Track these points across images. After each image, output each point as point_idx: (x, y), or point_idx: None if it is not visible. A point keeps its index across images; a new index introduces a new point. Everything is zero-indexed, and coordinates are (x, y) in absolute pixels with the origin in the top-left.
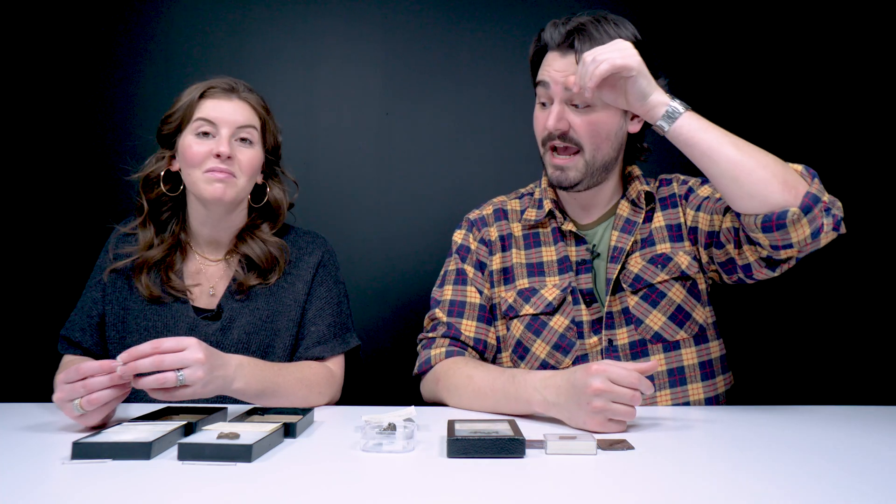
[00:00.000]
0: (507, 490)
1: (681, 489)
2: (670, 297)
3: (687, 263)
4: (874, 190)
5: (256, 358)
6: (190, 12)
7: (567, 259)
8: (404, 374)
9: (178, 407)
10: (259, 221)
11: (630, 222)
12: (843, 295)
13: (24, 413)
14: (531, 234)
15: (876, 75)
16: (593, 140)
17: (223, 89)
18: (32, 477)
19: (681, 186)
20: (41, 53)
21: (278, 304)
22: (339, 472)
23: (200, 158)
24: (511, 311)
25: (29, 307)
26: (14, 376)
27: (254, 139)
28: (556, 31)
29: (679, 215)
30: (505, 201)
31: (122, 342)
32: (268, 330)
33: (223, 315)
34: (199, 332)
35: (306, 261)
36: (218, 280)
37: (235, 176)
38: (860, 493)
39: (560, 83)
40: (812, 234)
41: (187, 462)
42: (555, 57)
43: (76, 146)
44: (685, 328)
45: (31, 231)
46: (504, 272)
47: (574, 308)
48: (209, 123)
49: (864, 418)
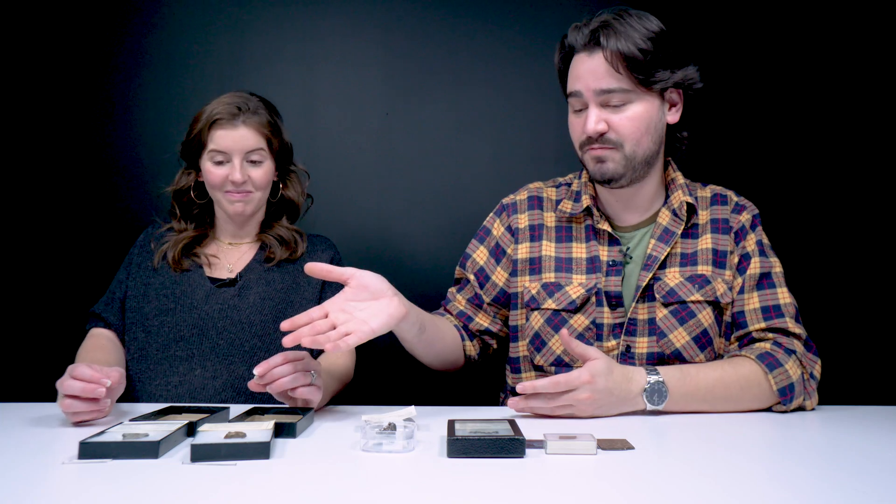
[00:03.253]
0: (507, 490)
1: (681, 489)
2: (699, 319)
3: (722, 291)
4: (874, 190)
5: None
6: (190, 12)
7: (597, 259)
8: (404, 374)
9: (178, 406)
10: (278, 216)
11: (669, 232)
12: (843, 295)
13: (24, 413)
14: (564, 228)
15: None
16: (633, 136)
17: (229, 118)
18: (38, 476)
19: (734, 216)
20: (41, 53)
21: (293, 282)
22: (339, 472)
23: (219, 182)
24: (533, 302)
25: (29, 307)
26: (14, 376)
27: (263, 157)
28: (580, 32)
29: (728, 243)
30: (541, 188)
31: (140, 310)
32: (282, 300)
33: (238, 283)
34: (216, 298)
35: (320, 256)
36: (237, 260)
37: (252, 192)
38: (860, 492)
39: (592, 88)
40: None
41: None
42: (582, 59)
43: (76, 146)
44: (705, 353)
45: (31, 232)
46: (531, 262)
47: (597, 309)
48: (221, 153)
49: (864, 418)
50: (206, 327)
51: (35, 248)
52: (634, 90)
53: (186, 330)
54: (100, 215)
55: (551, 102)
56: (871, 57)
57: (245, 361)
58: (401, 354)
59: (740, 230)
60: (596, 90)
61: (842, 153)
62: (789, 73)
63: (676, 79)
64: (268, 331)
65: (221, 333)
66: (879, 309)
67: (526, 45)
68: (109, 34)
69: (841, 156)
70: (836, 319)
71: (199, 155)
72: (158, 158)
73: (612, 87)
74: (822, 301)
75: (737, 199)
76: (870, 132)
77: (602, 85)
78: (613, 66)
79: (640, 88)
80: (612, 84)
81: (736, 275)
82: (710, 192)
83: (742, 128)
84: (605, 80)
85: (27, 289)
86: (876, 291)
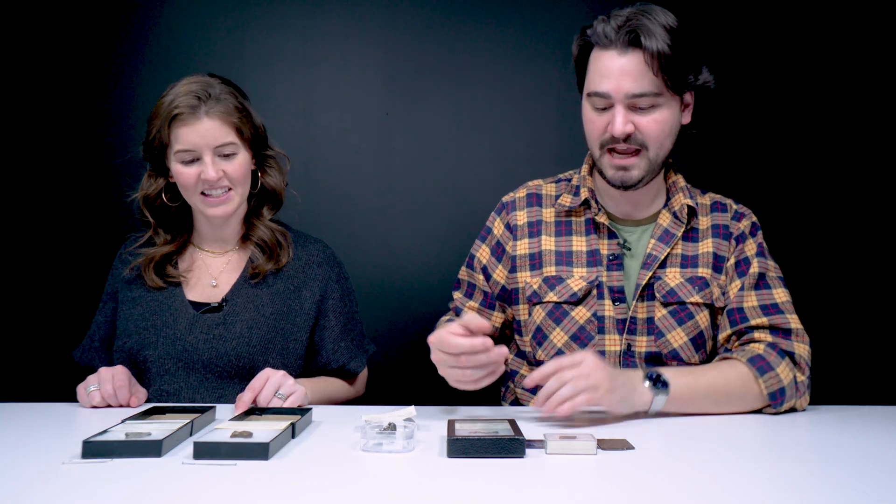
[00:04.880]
0: (507, 490)
1: (681, 489)
2: (697, 321)
3: (717, 295)
4: (874, 190)
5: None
6: (190, 12)
7: (598, 252)
8: (405, 374)
9: (164, 406)
10: (259, 206)
11: (669, 233)
12: (843, 295)
13: (24, 413)
14: (563, 222)
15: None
16: (658, 138)
17: (190, 111)
18: (39, 476)
19: (734, 222)
20: (41, 53)
21: (283, 306)
22: (339, 471)
23: (193, 183)
24: (535, 296)
25: (30, 308)
26: (14, 376)
27: (235, 149)
28: (608, 26)
29: (727, 249)
30: (541, 185)
31: (123, 347)
32: (269, 327)
33: (224, 308)
34: (199, 326)
35: (315, 271)
36: (220, 272)
37: (231, 188)
38: (859, 492)
39: (624, 90)
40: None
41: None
42: (612, 56)
43: (76, 146)
44: (700, 354)
45: (30, 233)
46: (531, 258)
47: (598, 302)
48: (188, 152)
49: (864, 418)
50: (192, 360)
51: (35, 248)
52: (664, 93)
53: (171, 364)
54: (100, 215)
55: (551, 102)
56: (871, 57)
57: (235, 393)
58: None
59: (740, 236)
60: (628, 93)
61: (840, 154)
62: (788, 76)
63: (699, 81)
64: (257, 363)
65: (208, 366)
66: (877, 309)
67: (526, 45)
68: (109, 34)
69: (839, 157)
70: (834, 320)
71: (164, 156)
72: None
73: (645, 90)
74: (820, 301)
75: (736, 206)
76: (868, 133)
77: (635, 89)
78: (651, 67)
79: (669, 92)
80: (645, 88)
81: (734, 278)
82: (709, 200)
83: (741, 130)
84: (638, 83)
85: (27, 289)
86: (873, 292)
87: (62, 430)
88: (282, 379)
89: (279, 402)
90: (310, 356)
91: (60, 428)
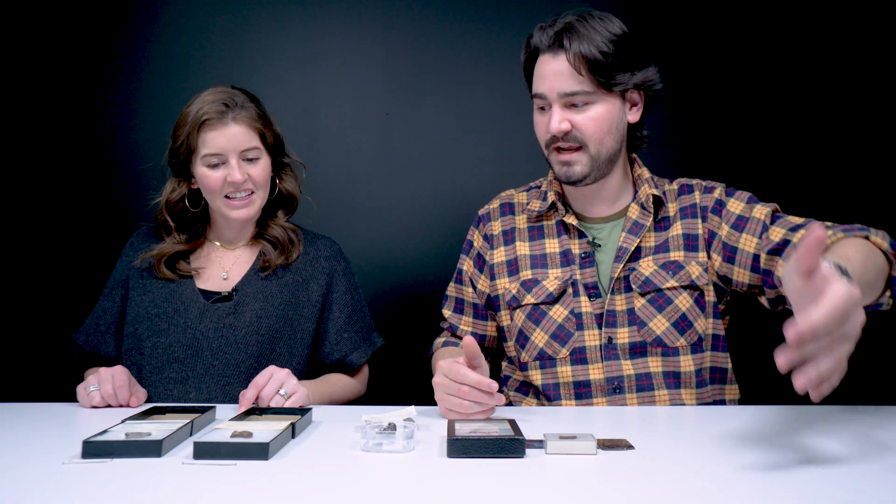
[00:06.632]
0: (507, 490)
1: (681, 489)
2: (676, 305)
3: (697, 274)
4: (874, 190)
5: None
6: (190, 12)
7: (570, 252)
8: (405, 373)
9: (164, 407)
10: (273, 210)
11: (638, 225)
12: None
13: (24, 413)
14: (535, 227)
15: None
16: (596, 135)
17: (218, 116)
18: (39, 476)
19: (704, 196)
20: (41, 53)
21: (291, 297)
22: (339, 471)
23: (218, 186)
24: (514, 301)
25: (30, 307)
26: (14, 376)
27: (259, 154)
28: (545, 33)
29: (698, 226)
30: (513, 195)
31: (133, 333)
32: (278, 317)
33: (234, 298)
34: (210, 315)
35: (322, 264)
36: (232, 265)
37: (254, 191)
38: (860, 492)
39: (556, 90)
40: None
41: (193, 461)
42: (546, 60)
43: (76, 146)
44: (685, 336)
45: (31, 231)
46: (508, 264)
47: (574, 300)
48: (216, 156)
49: (864, 418)
50: (201, 347)
51: (35, 248)
52: (596, 92)
53: (180, 351)
54: (100, 215)
55: None
56: (871, 57)
57: (241, 383)
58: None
59: (717, 204)
60: (560, 93)
61: (841, 153)
62: (788, 76)
63: (636, 81)
64: (264, 351)
65: (216, 354)
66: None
67: None
68: (109, 34)
69: (840, 156)
70: None
71: (189, 161)
72: (158, 159)
73: (575, 89)
74: None
75: (704, 183)
76: (867, 133)
77: (565, 88)
78: (576, 68)
79: (602, 90)
80: (574, 87)
81: (719, 250)
82: (676, 185)
83: (741, 130)
84: (567, 83)
85: (27, 289)
86: None
87: (62, 430)
88: (285, 377)
89: (281, 401)
90: (315, 347)
91: (60, 428)
